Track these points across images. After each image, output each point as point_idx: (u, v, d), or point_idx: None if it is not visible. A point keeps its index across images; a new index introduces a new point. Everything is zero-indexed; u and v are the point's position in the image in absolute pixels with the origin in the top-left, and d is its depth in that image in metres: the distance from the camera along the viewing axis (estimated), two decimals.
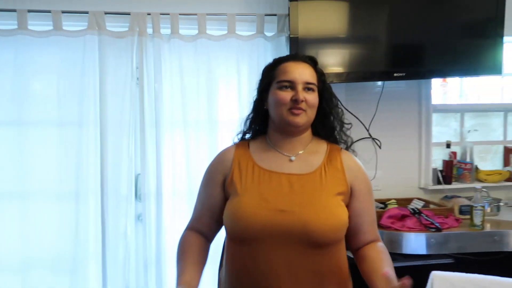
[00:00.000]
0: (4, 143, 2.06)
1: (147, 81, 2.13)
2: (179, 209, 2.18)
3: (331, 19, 2.18)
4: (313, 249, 1.11)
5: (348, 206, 1.19)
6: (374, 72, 2.23)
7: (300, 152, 1.21)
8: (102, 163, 2.08)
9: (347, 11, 2.22)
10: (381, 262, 1.15)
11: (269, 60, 2.16)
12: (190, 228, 1.27)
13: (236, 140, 1.30)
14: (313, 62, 1.24)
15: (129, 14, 2.05)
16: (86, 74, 2.07)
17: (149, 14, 2.07)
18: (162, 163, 2.14)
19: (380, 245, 1.23)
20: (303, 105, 1.15)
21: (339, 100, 1.30)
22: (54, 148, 2.09)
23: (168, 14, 2.08)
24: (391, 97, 2.39)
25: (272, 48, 2.21)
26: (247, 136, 1.30)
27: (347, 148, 1.29)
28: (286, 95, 1.16)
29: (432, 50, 2.24)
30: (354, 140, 1.34)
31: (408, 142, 2.51)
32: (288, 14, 2.07)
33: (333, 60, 2.22)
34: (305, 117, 1.17)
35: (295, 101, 1.15)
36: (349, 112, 2.15)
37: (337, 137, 1.28)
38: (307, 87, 1.17)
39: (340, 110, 1.29)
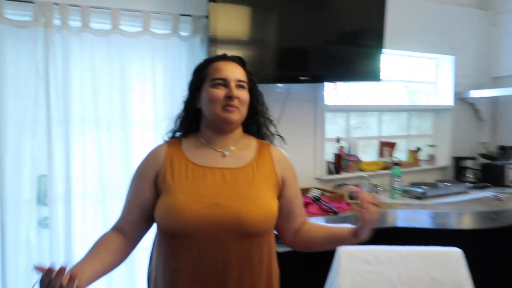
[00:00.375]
0: None
1: (55, 76, 1.98)
2: (90, 213, 2.11)
3: (241, 22, 2.30)
4: (246, 238, 1.15)
5: (281, 195, 1.26)
6: (267, 74, 2.33)
7: (232, 148, 1.25)
8: (0, 164, 1.88)
9: (252, 15, 2.33)
10: (326, 226, 1.31)
11: (184, 60, 2.26)
12: (114, 227, 1.23)
13: (167, 139, 1.30)
14: (242, 62, 1.29)
15: (32, 2, 1.89)
16: None
17: (56, 4, 1.93)
18: (71, 163, 2.03)
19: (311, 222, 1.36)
20: (236, 102, 1.19)
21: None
22: None
23: (78, 6, 1.97)
24: (292, 98, 2.65)
25: (187, 48, 2.26)
26: (177, 134, 1.31)
27: (272, 143, 1.35)
28: (220, 92, 1.19)
29: (320, 56, 2.48)
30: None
31: (305, 138, 2.79)
32: (207, 16, 2.14)
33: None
34: (238, 114, 1.21)
35: (229, 98, 1.19)
36: None
37: (265, 132, 1.34)
38: (239, 85, 1.22)
39: (266, 107, 1.34)
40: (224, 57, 1.28)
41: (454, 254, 1.74)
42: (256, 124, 1.32)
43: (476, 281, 1.75)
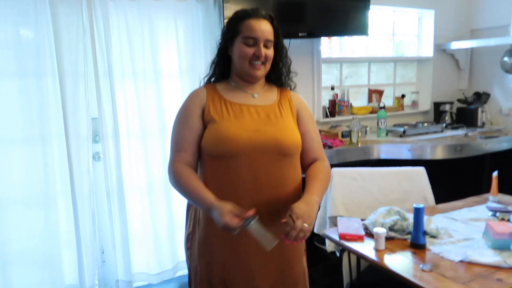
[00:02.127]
0: None
1: (98, 36, 2.40)
2: (133, 148, 2.60)
3: None
4: (282, 157, 1.35)
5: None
6: None
7: (260, 91, 1.44)
8: (64, 108, 2.34)
9: None
10: (311, 181, 1.37)
11: (200, 19, 2.65)
12: (177, 161, 1.35)
13: (203, 83, 1.48)
14: (271, 19, 1.40)
15: None
16: (39, 28, 2.25)
17: None
18: (116, 108, 2.49)
19: (323, 165, 1.45)
20: (262, 60, 1.35)
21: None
22: (16, 98, 2.26)
23: None
24: (292, 51, 3.06)
25: (202, 9, 2.65)
26: (212, 80, 1.47)
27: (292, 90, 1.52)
28: (249, 50, 1.34)
29: (315, 11, 2.85)
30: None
31: (305, 87, 3.25)
32: None
33: None
34: (263, 70, 1.38)
35: (257, 57, 1.34)
36: None
37: (285, 81, 1.49)
38: (266, 44, 1.36)
39: (289, 60, 1.49)
40: (257, 14, 1.37)
41: (419, 171, 2.27)
42: (277, 74, 1.47)
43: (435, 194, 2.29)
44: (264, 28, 1.35)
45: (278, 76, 1.47)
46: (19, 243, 2.35)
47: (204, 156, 1.38)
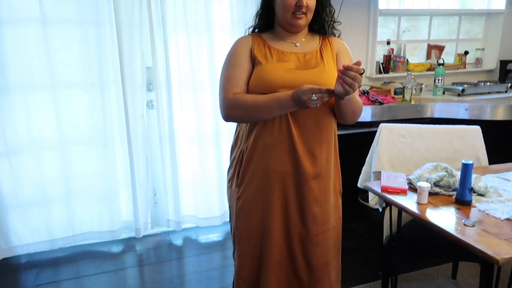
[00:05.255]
0: (32, 42, 2.31)
1: None
2: (184, 97, 2.69)
3: None
4: None
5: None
6: None
7: (302, 40, 1.49)
8: (120, 57, 2.45)
9: None
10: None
11: None
12: (232, 92, 1.41)
13: (249, 32, 1.54)
14: None
15: None
16: None
17: None
18: (169, 58, 2.57)
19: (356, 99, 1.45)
20: (304, 10, 1.39)
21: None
22: (76, 45, 2.40)
23: None
24: (347, 2, 2.95)
25: None
26: (256, 30, 1.53)
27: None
28: (292, 1, 1.37)
29: None
30: None
31: (358, 40, 3.13)
32: None
33: None
34: (305, 20, 1.42)
35: (299, 7, 1.37)
36: None
37: (328, 30, 1.52)
38: None
39: (332, 8, 1.51)
40: None
41: (473, 130, 2.16)
42: (320, 23, 1.50)
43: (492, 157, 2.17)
44: None
45: (321, 25, 1.51)
46: (81, 179, 2.58)
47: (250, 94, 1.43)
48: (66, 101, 2.45)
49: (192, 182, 2.83)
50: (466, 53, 3.51)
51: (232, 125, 1.80)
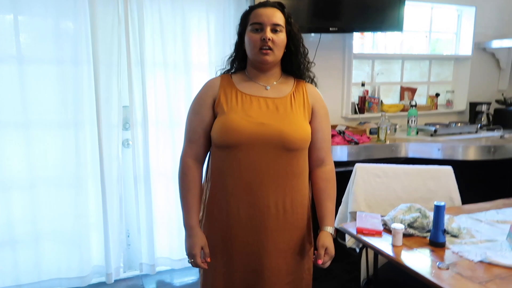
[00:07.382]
0: (6, 79, 2.29)
1: (132, 27, 2.48)
2: (161, 136, 2.68)
3: None
4: (285, 152, 1.35)
5: (310, 122, 1.43)
6: (302, 25, 2.65)
7: (274, 83, 1.43)
8: (96, 95, 2.44)
9: None
10: (326, 202, 1.45)
11: (232, 11, 2.69)
12: (189, 155, 1.42)
13: (219, 74, 1.50)
14: (281, 7, 1.41)
15: None
16: (77, 18, 2.36)
17: None
18: (146, 97, 2.57)
19: (332, 173, 1.48)
20: (270, 44, 1.34)
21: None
22: (52, 84, 2.38)
23: None
24: (323, 46, 3.05)
25: (234, 2, 2.69)
26: (228, 71, 1.50)
27: (310, 82, 1.51)
28: (257, 36, 1.35)
29: (348, 7, 2.82)
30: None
31: (335, 82, 3.22)
32: None
33: None
34: (273, 56, 1.36)
35: (263, 40, 1.33)
36: None
37: (302, 72, 1.48)
38: (275, 29, 1.35)
39: (305, 49, 1.47)
40: (265, 4, 1.40)
41: (446, 171, 2.20)
42: (294, 63, 1.46)
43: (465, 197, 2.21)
44: (270, 13, 1.37)
45: (295, 66, 1.46)
46: (51, 222, 2.48)
47: (212, 146, 1.42)
48: (38, 140, 2.40)
49: (167, 222, 2.76)
50: (437, 95, 3.64)
51: None
